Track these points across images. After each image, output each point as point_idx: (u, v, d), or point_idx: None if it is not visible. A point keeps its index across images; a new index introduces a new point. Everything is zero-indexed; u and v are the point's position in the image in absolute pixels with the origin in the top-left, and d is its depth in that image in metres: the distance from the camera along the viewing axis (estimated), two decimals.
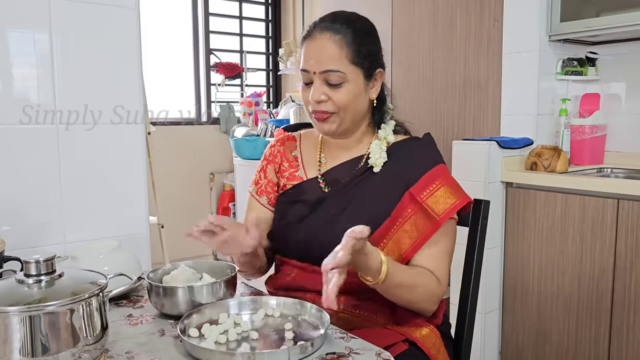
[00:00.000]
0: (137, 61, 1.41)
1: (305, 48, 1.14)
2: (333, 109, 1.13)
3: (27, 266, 0.78)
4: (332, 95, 1.12)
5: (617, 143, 2.35)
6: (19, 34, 1.25)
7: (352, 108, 1.14)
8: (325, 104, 1.13)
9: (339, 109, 1.13)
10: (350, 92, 1.12)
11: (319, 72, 1.11)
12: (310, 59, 1.12)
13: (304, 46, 1.15)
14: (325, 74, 1.11)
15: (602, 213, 1.87)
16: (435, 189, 1.12)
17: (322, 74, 1.11)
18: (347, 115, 1.15)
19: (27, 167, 1.28)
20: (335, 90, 1.12)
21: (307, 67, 1.13)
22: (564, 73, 2.29)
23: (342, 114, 1.14)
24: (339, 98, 1.12)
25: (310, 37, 1.14)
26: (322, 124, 1.16)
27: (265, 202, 1.27)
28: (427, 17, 2.69)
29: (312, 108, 1.15)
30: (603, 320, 1.89)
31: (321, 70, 1.11)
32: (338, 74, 1.11)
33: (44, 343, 0.73)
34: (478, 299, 1.28)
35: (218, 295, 1.02)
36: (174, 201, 3.85)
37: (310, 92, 1.13)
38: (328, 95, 1.12)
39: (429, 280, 1.09)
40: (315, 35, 1.13)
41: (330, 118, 1.14)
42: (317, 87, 1.12)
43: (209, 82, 4.24)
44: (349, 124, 1.17)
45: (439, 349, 1.12)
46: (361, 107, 1.17)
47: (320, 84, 1.12)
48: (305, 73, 1.14)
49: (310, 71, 1.12)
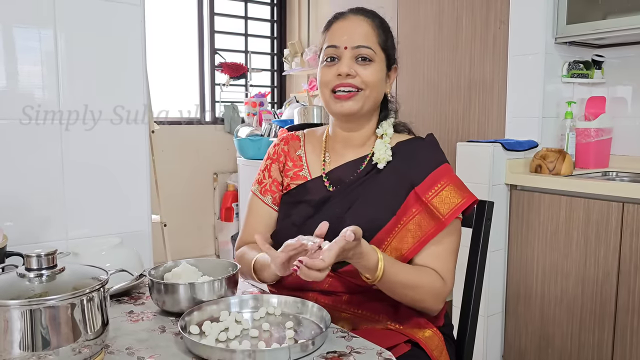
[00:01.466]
0: (141, 58, 1.41)
1: (336, 26, 1.17)
2: (360, 85, 1.14)
3: (28, 260, 0.78)
4: (360, 72, 1.14)
5: (622, 146, 2.34)
6: (23, 31, 1.26)
7: (375, 90, 1.16)
8: (353, 79, 1.14)
9: (366, 87, 1.14)
10: (376, 72, 1.15)
11: (352, 47, 1.14)
12: (343, 35, 1.15)
13: (334, 26, 1.18)
14: (357, 49, 1.14)
15: (606, 217, 1.86)
16: (441, 188, 1.12)
17: (355, 49, 1.14)
18: (372, 94, 1.16)
19: (31, 163, 1.28)
20: (363, 67, 1.14)
21: (339, 42, 1.14)
22: (569, 76, 2.28)
23: (367, 92, 1.15)
24: (367, 74, 1.14)
25: (343, 17, 1.18)
26: (344, 103, 1.15)
27: (270, 202, 1.26)
28: (433, 18, 2.68)
29: (338, 82, 1.14)
30: (607, 325, 1.88)
31: (354, 45, 1.13)
32: (370, 50, 1.14)
33: (44, 337, 0.73)
34: (481, 302, 1.28)
35: (219, 292, 1.01)
36: (177, 200, 3.85)
37: (336, 68, 1.14)
38: (356, 71, 1.14)
39: (433, 280, 1.08)
40: (349, 16, 1.17)
41: (355, 96, 1.15)
42: (346, 62, 1.14)
43: (214, 81, 4.24)
44: (369, 107, 1.17)
45: (442, 351, 1.11)
46: (380, 94, 1.19)
47: (350, 59, 1.14)
48: (333, 49, 1.15)
49: (340, 46, 1.14)
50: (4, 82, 1.24)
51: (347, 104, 1.15)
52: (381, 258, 0.99)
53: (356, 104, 1.15)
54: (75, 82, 1.32)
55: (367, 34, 1.15)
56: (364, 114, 1.18)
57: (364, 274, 1.01)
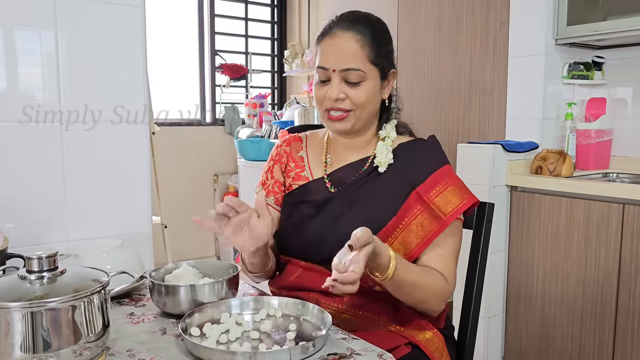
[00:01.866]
0: (142, 59, 1.41)
1: (325, 45, 1.14)
2: (350, 107, 1.13)
3: (29, 262, 0.78)
4: (350, 94, 1.12)
5: (623, 148, 2.34)
6: (24, 33, 1.26)
7: (367, 107, 1.15)
8: (343, 102, 1.13)
9: (356, 107, 1.13)
10: (368, 91, 1.13)
11: (339, 70, 1.11)
12: (331, 57, 1.12)
13: (323, 43, 1.14)
14: (345, 72, 1.11)
15: (607, 218, 1.86)
16: (442, 189, 1.12)
17: (342, 72, 1.11)
18: (363, 113, 1.15)
19: (31, 165, 1.28)
20: (353, 89, 1.12)
21: (327, 64, 1.12)
22: (570, 77, 2.28)
23: (358, 113, 1.14)
24: (357, 96, 1.12)
25: (331, 34, 1.13)
26: (335, 124, 1.15)
27: (273, 202, 1.26)
28: (433, 20, 2.68)
29: (329, 106, 1.14)
30: (607, 326, 1.88)
31: (342, 68, 1.11)
32: (358, 72, 1.11)
33: (45, 339, 0.73)
34: (481, 303, 1.28)
35: (220, 294, 1.01)
36: (177, 202, 3.85)
37: (327, 90, 1.13)
38: (346, 94, 1.12)
39: (437, 280, 1.09)
40: (337, 33, 1.12)
41: (346, 117, 1.14)
42: (335, 85, 1.12)
43: (214, 83, 4.25)
44: (362, 123, 1.17)
45: (442, 353, 1.11)
46: (375, 106, 1.18)
47: (339, 82, 1.12)
48: (322, 70, 1.13)
49: (329, 69, 1.12)
50: (4, 84, 1.24)
51: (339, 124, 1.15)
52: (393, 256, 0.98)
53: (347, 124, 1.15)
54: (76, 84, 1.32)
55: (355, 54, 1.11)
56: (357, 129, 1.18)
57: (375, 272, 0.99)
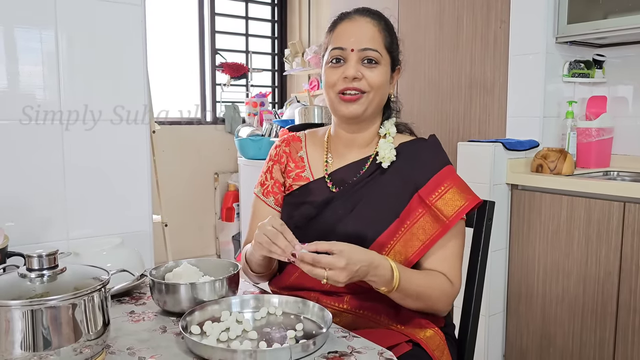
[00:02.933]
0: (142, 58, 1.41)
1: (342, 28, 1.16)
2: (365, 88, 1.13)
3: (29, 260, 0.78)
4: (366, 74, 1.13)
5: (623, 146, 2.33)
6: (25, 32, 1.26)
7: (380, 92, 1.15)
8: (359, 82, 1.13)
9: (371, 89, 1.14)
10: (382, 75, 1.15)
11: (358, 50, 1.12)
12: (350, 37, 1.13)
13: (340, 27, 1.16)
14: (364, 51, 1.12)
15: (608, 216, 1.85)
16: (444, 191, 1.11)
17: (361, 51, 1.12)
18: (375, 98, 1.15)
19: (31, 164, 1.28)
20: (369, 70, 1.13)
21: (345, 44, 1.13)
22: (570, 75, 2.28)
23: (372, 96, 1.14)
24: (373, 77, 1.13)
25: (349, 18, 1.16)
26: (349, 105, 1.15)
27: (272, 203, 1.25)
28: (433, 18, 2.68)
29: (343, 86, 1.14)
30: (608, 324, 1.88)
31: (361, 47, 1.12)
32: (376, 53, 1.13)
33: (45, 337, 0.73)
34: (482, 301, 1.28)
35: (220, 292, 1.01)
36: (178, 200, 3.86)
37: (342, 70, 1.13)
38: (363, 74, 1.13)
39: (443, 283, 1.09)
40: (355, 17, 1.16)
41: (360, 99, 1.14)
42: (352, 64, 1.13)
43: (215, 82, 4.24)
44: (373, 110, 1.17)
45: (443, 351, 1.11)
46: (383, 97, 1.19)
47: (357, 62, 1.13)
48: (339, 50, 1.14)
49: (347, 48, 1.13)
50: (5, 83, 1.24)
51: (352, 106, 1.14)
52: (395, 267, 0.99)
53: (360, 107, 1.15)
54: (76, 83, 1.32)
55: (374, 36, 1.14)
56: (367, 116, 1.17)
57: (380, 287, 1.00)
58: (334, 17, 1.19)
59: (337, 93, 1.15)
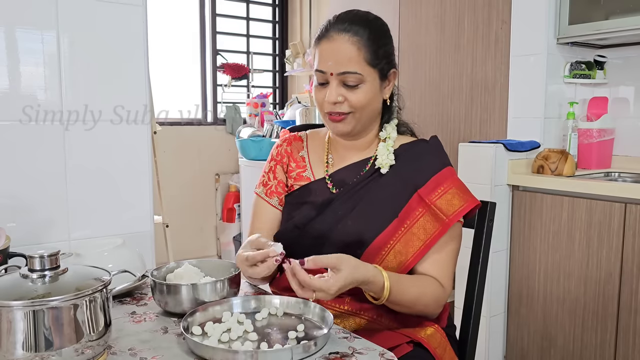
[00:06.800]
0: (143, 59, 1.42)
1: (321, 48, 1.12)
2: (349, 110, 1.12)
3: (31, 261, 0.78)
4: (348, 96, 1.11)
5: (624, 147, 2.33)
6: (27, 33, 1.26)
7: (367, 109, 1.14)
8: (341, 105, 1.12)
9: (355, 110, 1.12)
10: (366, 93, 1.12)
11: (337, 74, 1.10)
12: (327, 60, 1.10)
13: (320, 46, 1.13)
14: (342, 75, 1.10)
15: (609, 217, 1.85)
16: (444, 191, 1.12)
17: (340, 75, 1.10)
18: (363, 115, 1.14)
19: (32, 164, 1.28)
20: (351, 92, 1.11)
21: (324, 68, 1.11)
22: (571, 76, 2.28)
23: (357, 115, 1.13)
24: (356, 99, 1.11)
25: (327, 37, 1.11)
26: (336, 125, 1.15)
27: (276, 203, 1.25)
28: (435, 19, 2.68)
29: (328, 109, 1.14)
30: (609, 325, 1.88)
31: (339, 71, 1.10)
32: (356, 75, 1.10)
33: (47, 338, 0.73)
34: (483, 303, 1.28)
35: (222, 293, 1.01)
36: (179, 201, 3.86)
37: (326, 92, 1.12)
38: (344, 97, 1.11)
39: (434, 289, 1.09)
40: (332, 36, 1.11)
41: (345, 119, 1.13)
42: (333, 88, 1.11)
43: (215, 82, 4.25)
44: (363, 125, 1.16)
45: (445, 348, 1.11)
46: (375, 107, 1.17)
47: (337, 85, 1.11)
48: (320, 74, 1.12)
49: (327, 72, 1.11)
50: (6, 83, 1.25)
51: (340, 125, 1.14)
52: (386, 277, 1.00)
53: (347, 126, 1.14)
54: (78, 84, 1.32)
55: (352, 58, 1.09)
56: (358, 131, 1.17)
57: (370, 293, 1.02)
58: (318, 31, 1.15)
59: (325, 112, 1.15)
